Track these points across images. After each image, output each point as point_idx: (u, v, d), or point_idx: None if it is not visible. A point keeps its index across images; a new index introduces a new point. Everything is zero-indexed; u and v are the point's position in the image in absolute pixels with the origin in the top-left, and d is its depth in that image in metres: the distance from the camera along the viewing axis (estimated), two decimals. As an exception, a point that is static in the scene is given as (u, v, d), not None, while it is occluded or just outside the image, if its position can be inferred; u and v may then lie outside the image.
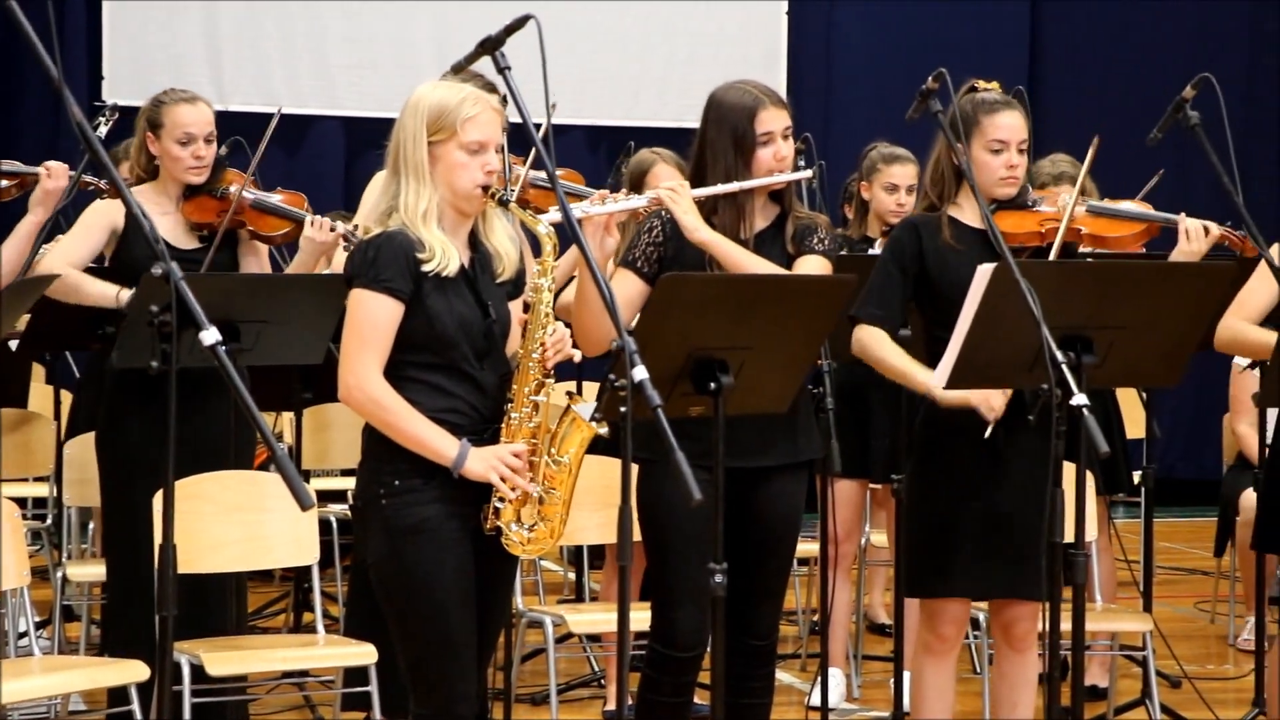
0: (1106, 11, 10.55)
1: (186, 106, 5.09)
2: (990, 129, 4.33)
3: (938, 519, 4.34)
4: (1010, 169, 4.35)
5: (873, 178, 6.09)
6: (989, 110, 4.33)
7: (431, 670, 3.70)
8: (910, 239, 4.39)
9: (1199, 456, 10.28)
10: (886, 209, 6.04)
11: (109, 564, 5.10)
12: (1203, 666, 6.23)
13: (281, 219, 5.21)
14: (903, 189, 6.04)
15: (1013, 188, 4.38)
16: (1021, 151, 4.37)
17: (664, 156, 5.54)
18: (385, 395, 3.65)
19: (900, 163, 6.04)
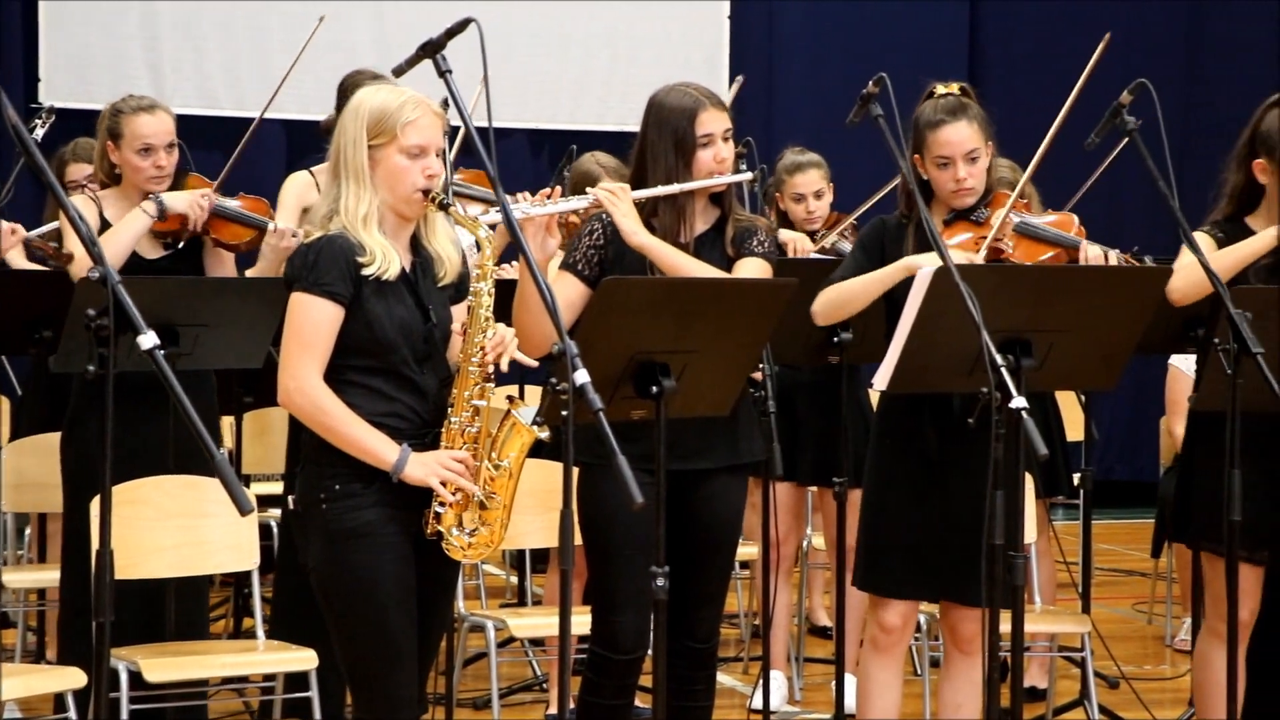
0: (1046, 12, 10.63)
1: (146, 116, 5.04)
2: (934, 145, 4.35)
3: (884, 518, 4.36)
4: (958, 183, 4.36)
5: (781, 189, 6.13)
6: (933, 126, 4.34)
7: (373, 675, 3.68)
8: (876, 236, 4.42)
9: (1136, 458, 10.37)
10: (798, 218, 6.09)
11: (64, 570, 5.05)
12: (1140, 667, 6.28)
13: (244, 226, 5.19)
14: (810, 196, 6.08)
15: (968, 198, 4.39)
16: (973, 160, 4.37)
17: (607, 168, 5.54)
18: (325, 399, 3.63)
19: (803, 170, 6.08)
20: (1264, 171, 4.50)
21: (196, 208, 5.02)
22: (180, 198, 5.03)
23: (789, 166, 6.12)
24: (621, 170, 5.50)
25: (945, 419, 4.28)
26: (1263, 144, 4.49)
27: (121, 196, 5.10)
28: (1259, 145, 4.50)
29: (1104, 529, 9.07)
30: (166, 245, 5.14)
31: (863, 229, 4.58)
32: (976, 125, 4.37)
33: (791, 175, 6.10)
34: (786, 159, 6.17)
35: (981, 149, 4.37)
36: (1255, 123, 4.53)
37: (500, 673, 5.33)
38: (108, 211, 5.07)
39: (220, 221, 5.17)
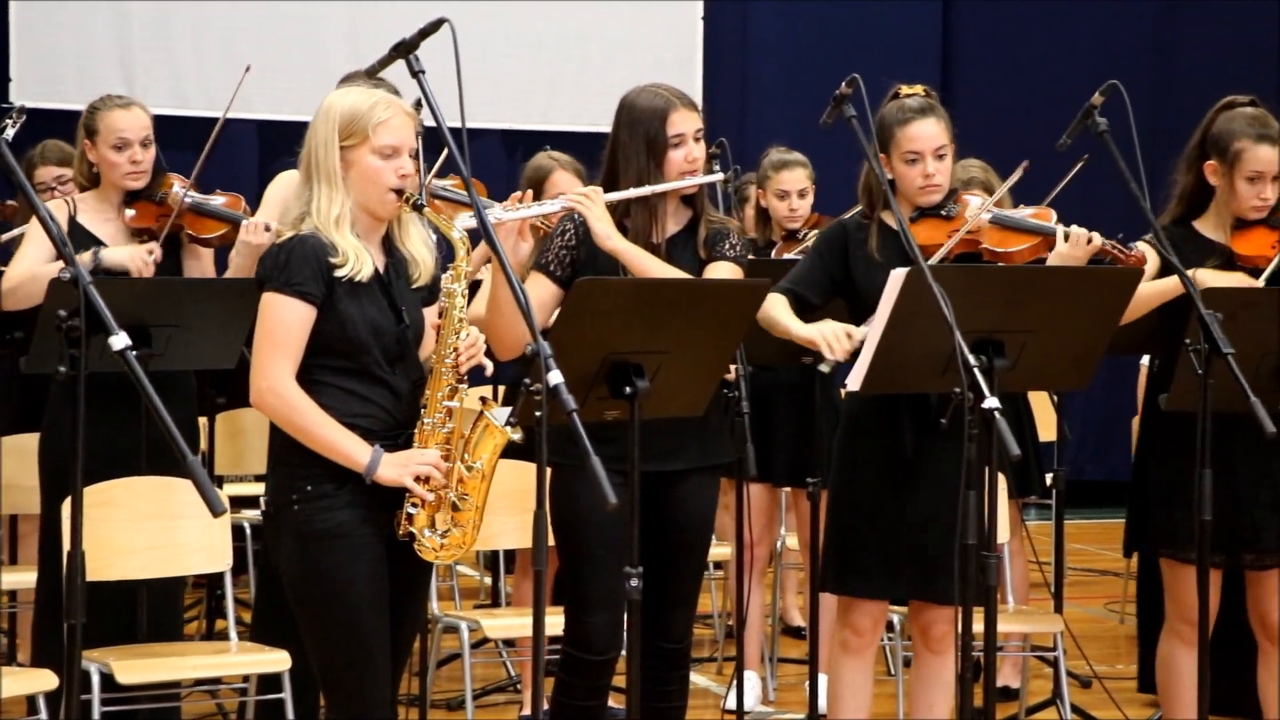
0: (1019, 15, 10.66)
1: (121, 112, 5.07)
2: (904, 141, 4.36)
3: (853, 519, 4.37)
4: (927, 178, 4.38)
5: (765, 185, 6.15)
6: (902, 122, 4.36)
7: (346, 676, 3.68)
8: (838, 238, 4.43)
9: (1108, 458, 10.40)
10: (781, 215, 6.10)
11: (40, 572, 5.04)
12: (1112, 667, 6.30)
13: (218, 221, 5.18)
14: (794, 194, 6.10)
15: (935, 195, 4.41)
16: (941, 157, 4.39)
17: (562, 162, 5.56)
18: (297, 400, 3.63)
19: (790, 168, 6.10)
20: (1214, 173, 4.55)
21: (139, 260, 4.96)
22: (120, 252, 4.99)
23: (775, 163, 6.14)
24: (578, 166, 5.52)
25: (918, 418, 4.29)
26: (1213, 146, 4.54)
27: (100, 198, 5.09)
28: (1210, 147, 4.55)
29: (1076, 529, 9.10)
30: (144, 242, 5.12)
31: (821, 232, 4.59)
32: (944, 123, 4.40)
33: (778, 171, 6.12)
34: (773, 155, 6.18)
35: (949, 146, 4.40)
36: (1206, 125, 4.58)
37: (474, 674, 5.33)
38: (83, 214, 5.06)
39: (196, 217, 5.17)
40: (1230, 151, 4.50)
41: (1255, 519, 4.46)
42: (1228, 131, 4.51)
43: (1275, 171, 4.50)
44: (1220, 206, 4.57)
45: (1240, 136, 4.49)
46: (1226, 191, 4.54)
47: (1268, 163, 4.49)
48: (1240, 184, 4.51)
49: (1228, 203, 4.55)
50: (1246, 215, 4.55)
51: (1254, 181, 4.50)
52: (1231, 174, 4.52)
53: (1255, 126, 4.50)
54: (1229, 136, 4.50)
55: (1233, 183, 4.52)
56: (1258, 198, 4.51)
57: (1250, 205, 4.52)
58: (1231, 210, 4.55)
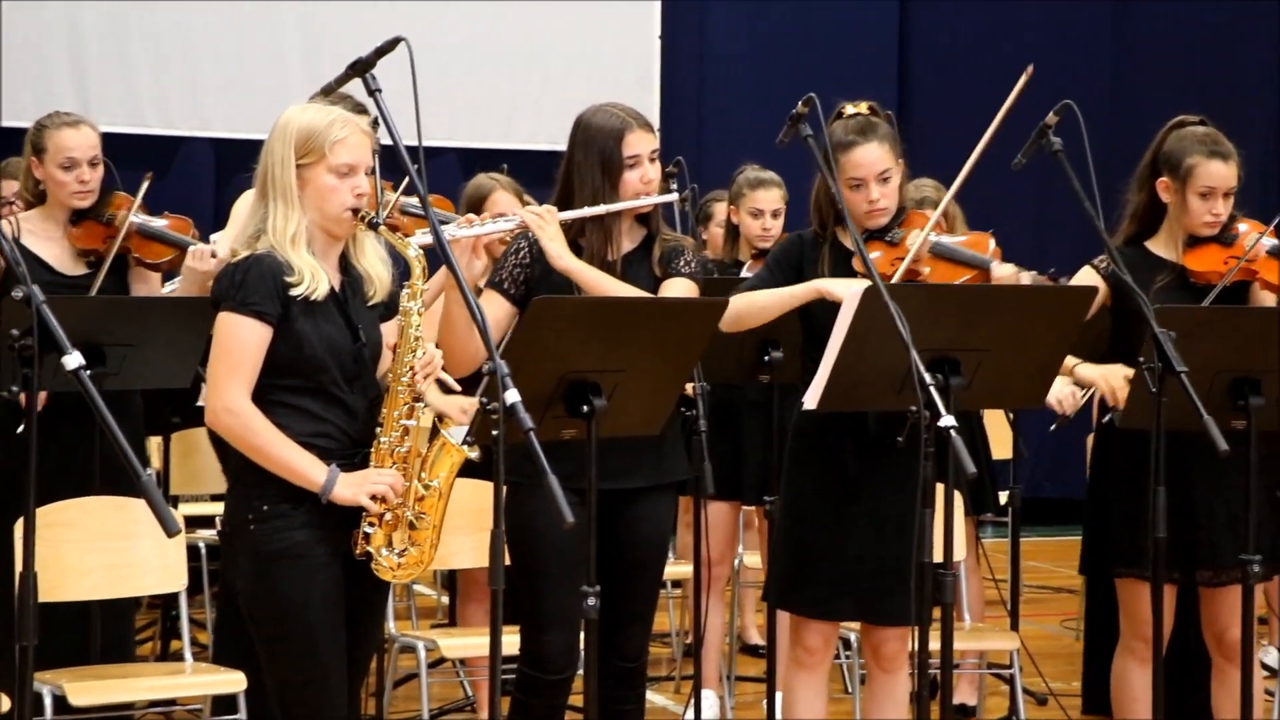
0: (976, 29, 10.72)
1: (69, 130, 5.04)
2: (847, 167, 4.35)
3: (802, 538, 4.37)
4: (871, 203, 4.38)
5: (739, 202, 6.14)
6: (844, 148, 4.34)
7: (302, 697, 3.67)
8: (794, 253, 4.44)
9: (1064, 476, 10.43)
10: (753, 234, 6.10)
11: None
12: (1068, 684, 6.31)
13: (166, 245, 5.15)
14: (768, 213, 6.09)
15: (881, 218, 4.40)
16: (885, 180, 4.39)
17: (502, 183, 5.56)
18: (253, 420, 3.61)
19: (765, 187, 6.10)
20: (1166, 190, 4.59)
21: None
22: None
23: (751, 181, 6.13)
24: (518, 187, 5.52)
25: (861, 437, 4.30)
26: (1165, 163, 4.59)
27: (46, 216, 5.07)
28: (1162, 164, 4.60)
29: (1032, 546, 9.12)
30: (90, 263, 5.10)
31: (777, 245, 4.60)
32: (887, 145, 4.38)
33: (753, 190, 6.11)
34: (748, 173, 6.18)
35: (893, 168, 4.39)
36: (1158, 144, 4.64)
37: (431, 693, 5.31)
38: (27, 235, 5.03)
39: (143, 240, 5.14)
40: (1182, 168, 4.55)
41: (1212, 537, 4.49)
42: (1179, 149, 4.56)
43: (1226, 187, 4.55)
44: (1173, 224, 4.62)
45: (1192, 153, 4.54)
46: (1179, 208, 4.59)
47: (1219, 178, 4.54)
48: (1192, 200, 4.56)
49: (1180, 219, 4.60)
50: (1199, 232, 4.59)
51: (1206, 197, 4.55)
52: (1184, 190, 4.56)
53: (1207, 144, 4.56)
54: (1181, 153, 4.55)
55: (1185, 199, 4.57)
56: (1209, 213, 4.55)
57: (1202, 221, 4.57)
58: (1184, 227, 4.60)
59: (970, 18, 10.68)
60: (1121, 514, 4.53)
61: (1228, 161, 4.55)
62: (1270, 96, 10.92)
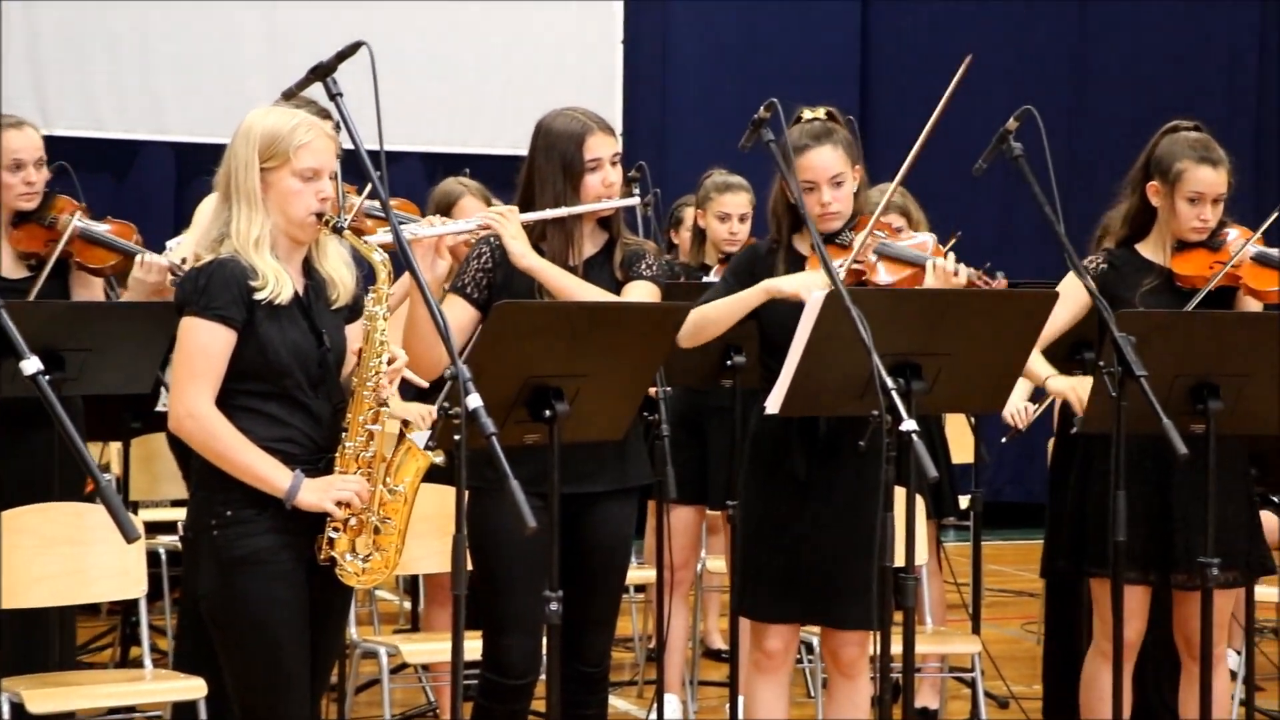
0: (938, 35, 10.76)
1: (14, 132, 5.01)
2: (801, 170, 4.35)
3: (759, 543, 4.38)
4: (823, 206, 4.39)
5: (706, 206, 6.15)
6: (799, 151, 4.36)
7: (264, 703, 3.65)
8: (747, 263, 4.45)
9: (1025, 480, 10.48)
10: (720, 237, 6.10)
11: None
12: (1029, 687, 6.33)
13: (110, 250, 5.12)
14: (735, 218, 6.10)
15: (833, 222, 4.41)
16: (838, 185, 4.40)
17: (470, 188, 5.54)
18: (217, 425, 3.60)
19: (733, 191, 6.10)
20: (1156, 194, 4.62)
21: None
22: None
23: (719, 185, 6.13)
24: (485, 192, 5.51)
25: (816, 442, 4.31)
26: (1156, 167, 4.61)
27: None
28: (1153, 169, 4.62)
29: (993, 550, 9.16)
30: (30, 266, 5.07)
31: (734, 255, 4.61)
32: (842, 150, 4.38)
33: (720, 194, 6.11)
34: (715, 177, 6.18)
35: (847, 173, 4.39)
36: (1151, 148, 4.66)
37: (393, 699, 5.30)
38: None
39: (86, 245, 5.12)
40: (1172, 172, 4.57)
41: (1188, 540, 4.51)
42: (1170, 153, 4.59)
43: (1215, 193, 4.58)
44: (1162, 227, 4.65)
45: (1182, 158, 4.57)
46: (1168, 212, 4.61)
47: (1208, 184, 4.56)
48: (1181, 204, 4.58)
49: (1169, 223, 4.62)
50: (1187, 236, 4.61)
51: (1194, 202, 4.57)
52: (1173, 194, 4.59)
53: (1197, 149, 4.58)
54: (1171, 158, 4.58)
55: (1174, 203, 4.59)
56: (1198, 219, 4.58)
57: (1190, 226, 4.59)
58: (1172, 231, 4.62)
59: (931, 21, 10.72)
60: (1096, 514, 4.54)
61: (1217, 168, 4.57)
62: (1227, 102, 10.99)
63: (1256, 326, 4.34)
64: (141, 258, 4.99)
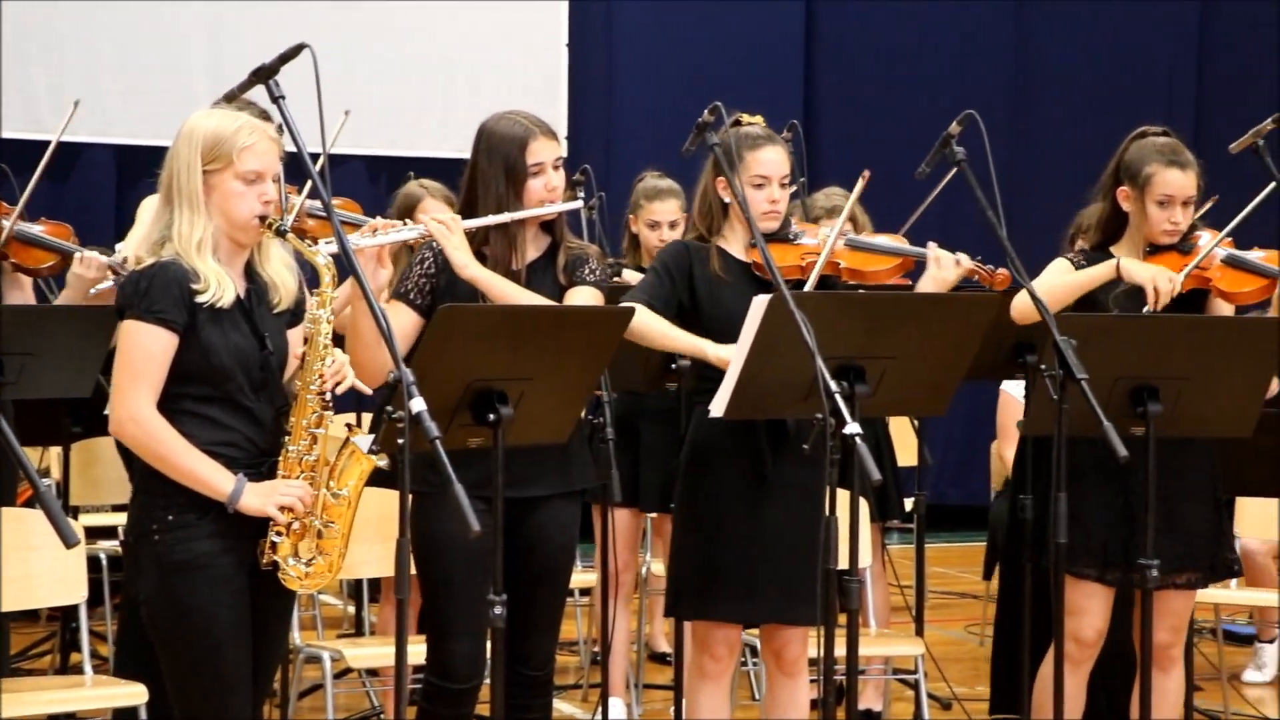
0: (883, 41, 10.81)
1: None
2: (753, 164, 4.40)
3: (705, 544, 4.39)
4: (772, 203, 4.43)
5: (637, 213, 6.14)
6: (751, 145, 4.40)
7: (205, 709, 3.63)
8: (682, 258, 4.46)
9: (969, 482, 10.54)
10: (651, 244, 6.10)
11: None
12: (972, 688, 6.37)
13: (46, 251, 5.08)
14: (665, 225, 6.08)
15: (774, 221, 4.46)
16: (784, 186, 4.44)
17: (432, 190, 5.53)
18: (158, 428, 3.58)
19: (662, 198, 6.08)
20: (1127, 199, 4.66)
21: None
22: None
23: (648, 191, 6.11)
24: (447, 194, 5.50)
25: (770, 442, 4.32)
26: (1126, 171, 4.67)
27: None
28: (1123, 174, 4.67)
29: (937, 552, 9.22)
30: None
31: (662, 250, 4.61)
32: (787, 153, 4.46)
33: (650, 201, 6.09)
34: (646, 183, 6.16)
35: (789, 177, 4.47)
36: (1120, 153, 4.71)
37: (337, 704, 5.27)
38: None
39: (22, 246, 5.08)
40: (1141, 176, 4.62)
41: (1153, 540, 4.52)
42: (1139, 158, 4.63)
43: (1184, 196, 4.62)
44: (1134, 232, 4.69)
45: (1151, 161, 4.61)
46: (1139, 216, 4.66)
47: (1177, 187, 4.61)
48: (1151, 208, 4.62)
49: (1140, 227, 4.66)
50: (1158, 240, 4.66)
51: (1164, 206, 4.62)
52: (1143, 198, 4.63)
53: (1166, 153, 4.63)
54: (1140, 162, 4.62)
55: (1144, 207, 4.64)
56: (1168, 221, 4.62)
57: (1161, 229, 4.63)
58: (1144, 235, 4.67)
59: (875, 22, 10.78)
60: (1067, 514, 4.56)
61: (1186, 170, 4.62)
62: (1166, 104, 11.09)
63: (1196, 330, 4.38)
64: (80, 255, 4.96)
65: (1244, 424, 4.36)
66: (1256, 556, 6.65)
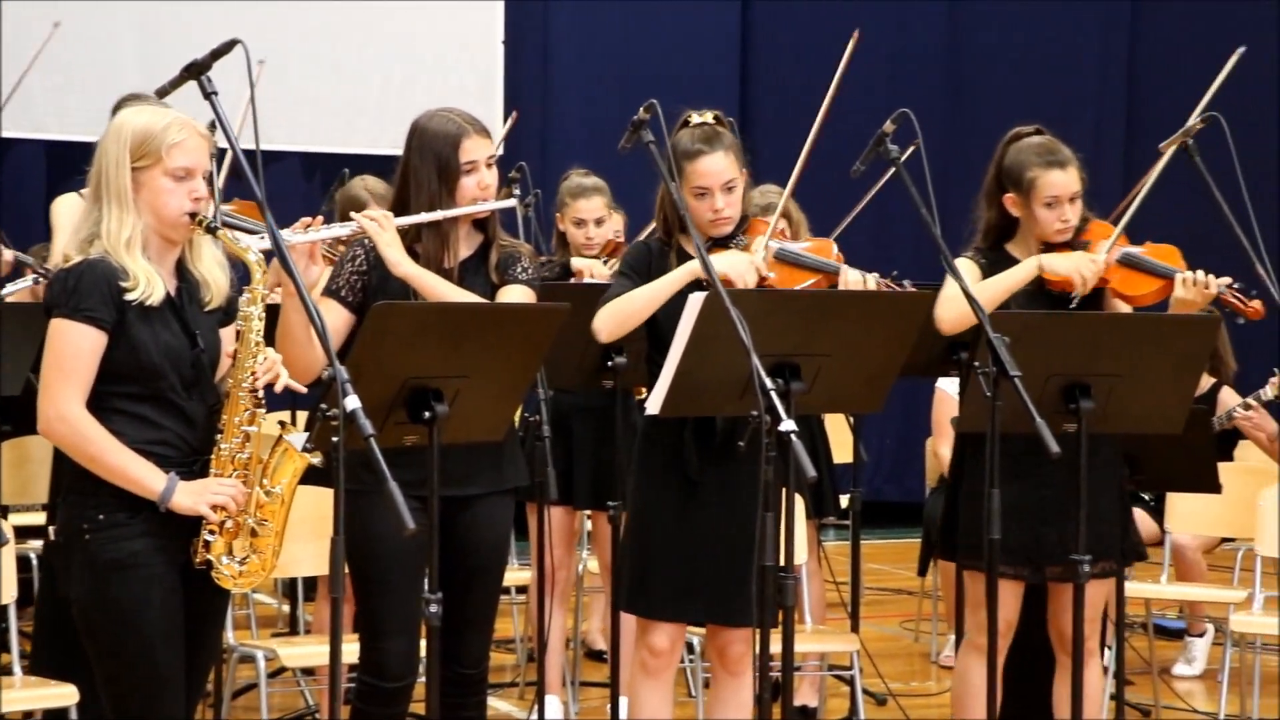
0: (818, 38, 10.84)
1: None
2: (692, 176, 4.39)
3: (648, 541, 4.39)
4: (716, 212, 4.41)
5: (563, 211, 6.13)
6: (690, 157, 4.38)
7: (138, 709, 3.61)
8: (644, 259, 4.46)
9: (904, 479, 10.60)
10: (577, 242, 6.09)
11: None
12: (907, 684, 6.41)
13: None
14: (590, 222, 6.07)
15: (725, 227, 4.44)
16: (729, 190, 4.42)
17: (375, 195, 5.50)
18: (88, 427, 3.55)
19: (586, 196, 6.07)
20: (1014, 204, 4.70)
21: None
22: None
23: (573, 189, 6.10)
24: (390, 194, 5.47)
25: (707, 441, 4.33)
26: (1008, 178, 4.69)
27: None
28: (1006, 180, 4.69)
29: (872, 549, 9.26)
30: None
31: (626, 253, 4.61)
32: (732, 154, 4.42)
33: (575, 199, 6.09)
34: (571, 181, 6.16)
35: (737, 178, 4.43)
36: (998, 159, 4.74)
37: (271, 703, 5.25)
38: None
39: None
40: (1024, 181, 4.65)
41: (1061, 535, 4.58)
42: (1019, 163, 4.66)
43: (1069, 194, 4.66)
44: (1026, 234, 4.72)
45: (1031, 166, 4.64)
46: (1029, 220, 4.69)
47: (1061, 186, 4.64)
48: (1039, 211, 4.66)
49: (1032, 230, 4.70)
50: (1052, 239, 4.69)
51: (1052, 206, 4.65)
52: (1029, 203, 4.66)
53: (1044, 154, 4.66)
54: (1020, 167, 4.66)
55: (1032, 211, 4.67)
56: (1059, 221, 4.66)
57: (1053, 229, 4.67)
58: (1036, 237, 4.70)
59: (810, 21, 10.81)
60: (970, 508, 4.61)
61: (1066, 169, 4.65)
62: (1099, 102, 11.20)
63: (1127, 328, 4.42)
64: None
65: (1174, 421, 4.41)
66: (1187, 552, 6.72)
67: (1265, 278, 4.70)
